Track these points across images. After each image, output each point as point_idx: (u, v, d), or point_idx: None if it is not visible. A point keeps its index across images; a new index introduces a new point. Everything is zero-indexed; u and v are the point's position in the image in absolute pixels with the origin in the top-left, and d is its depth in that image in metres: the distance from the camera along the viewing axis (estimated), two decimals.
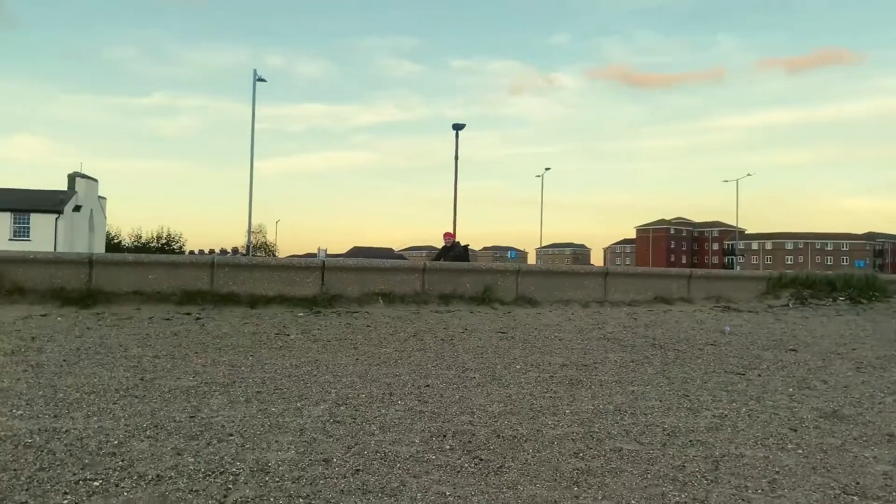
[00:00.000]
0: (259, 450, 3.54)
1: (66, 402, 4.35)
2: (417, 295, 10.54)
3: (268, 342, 7.04)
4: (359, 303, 10.04)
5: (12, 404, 4.24)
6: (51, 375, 5.11)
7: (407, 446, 3.70)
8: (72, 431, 3.71)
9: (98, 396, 4.52)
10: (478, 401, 4.84)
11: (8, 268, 9.07)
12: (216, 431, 3.82)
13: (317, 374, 5.53)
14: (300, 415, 4.27)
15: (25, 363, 5.53)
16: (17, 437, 3.57)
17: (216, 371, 5.50)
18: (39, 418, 3.96)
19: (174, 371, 5.45)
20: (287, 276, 10.22)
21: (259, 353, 6.38)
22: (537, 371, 6.04)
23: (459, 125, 29.36)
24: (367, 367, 5.94)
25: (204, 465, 3.26)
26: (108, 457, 3.33)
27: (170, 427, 3.87)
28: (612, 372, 6.12)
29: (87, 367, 5.45)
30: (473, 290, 10.97)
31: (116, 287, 9.36)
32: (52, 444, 3.49)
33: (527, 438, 3.95)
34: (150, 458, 3.34)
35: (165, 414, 4.15)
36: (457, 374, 5.79)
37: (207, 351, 6.38)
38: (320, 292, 10.11)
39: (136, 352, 6.22)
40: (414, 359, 6.42)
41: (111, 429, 3.79)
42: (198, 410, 4.26)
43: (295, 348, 6.76)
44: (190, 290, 9.58)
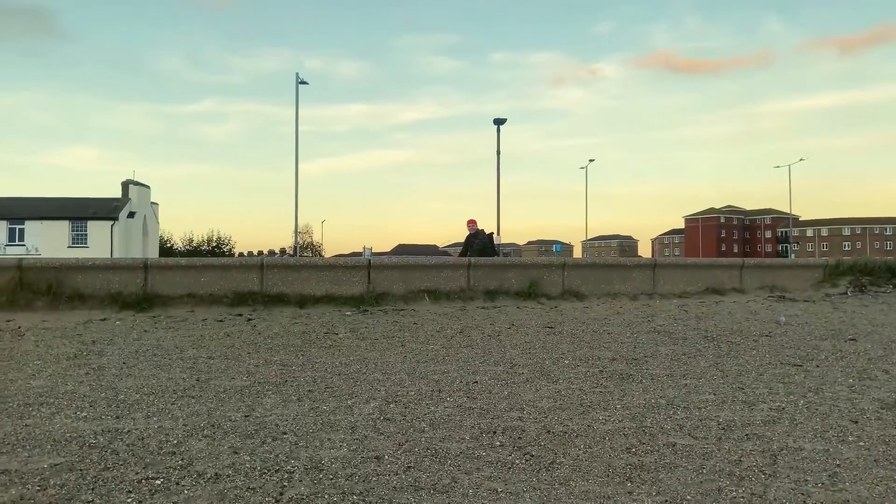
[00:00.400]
0: (312, 447, 3.60)
1: (127, 403, 4.51)
2: (463, 291, 10.56)
3: (317, 341, 7.15)
4: (405, 300, 10.11)
5: (76, 406, 4.41)
6: (112, 378, 5.30)
7: (457, 443, 3.71)
8: (133, 432, 3.84)
9: (157, 397, 4.67)
10: (527, 396, 4.82)
11: (69, 275, 9.43)
12: (270, 430, 3.90)
13: (366, 372, 5.59)
14: (351, 413, 4.32)
15: (87, 366, 5.74)
16: (81, 438, 3.71)
17: (268, 371, 5.62)
18: (102, 419, 4.11)
19: (228, 371, 5.58)
20: (334, 275, 10.36)
21: (309, 353, 6.49)
22: (586, 366, 5.99)
23: (501, 120, 29.25)
24: (414, 364, 5.98)
25: (260, 463, 3.33)
26: (168, 456, 3.43)
27: (226, 426, 3.97)
28: (663, 366, 6.02)
29: (146, 369, 5.63)
30: (519, 285, 10.93)
31: (171, 290, 9.64)
32: (115, 444, 3.62)
33: (577, 434, 3.92)
34: (208, 456, 3.43)
35: (221, 413, 4.26)
36: (505, 369, 5.78)
37: (259, 351, 6.52)
38: (367, 291, 10.22)
39: (192, 353, 6.39)
40: (461, 355, 6.44)
41: (170, 428, 3.91)
42: (252, 410, 4.36)
43: (344, 347, 6.85)
44: (241, 291, 9.80)
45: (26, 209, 45.56)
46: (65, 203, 46.85)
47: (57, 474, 3.16)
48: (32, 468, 3.23)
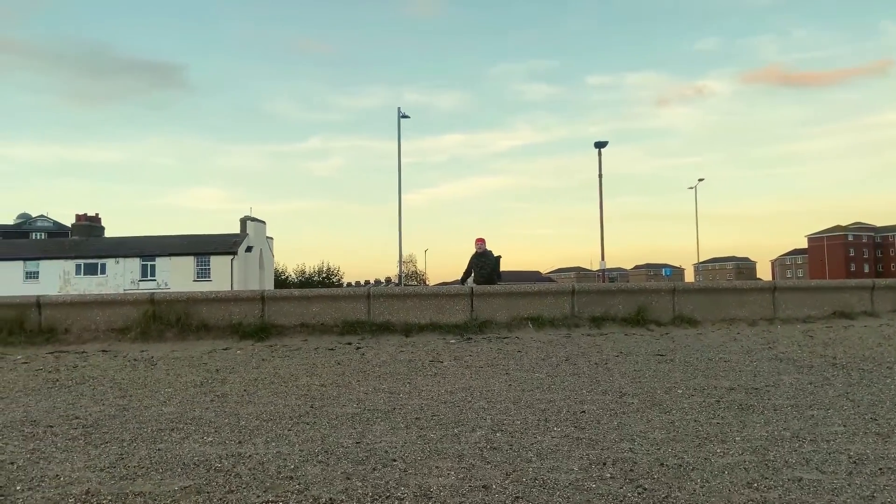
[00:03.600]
0: (421, 475, 3.65)
1: (248, 428, 4.76)
2: (567, 318, 10.40)
3: (422, 369, 7.26)
4: (508, 328, 10.09)
5: (203, 431, 4.70)
6: (234, 404, 5.61)
7: (566, 474, 3.65)
8: (254, 456, 4.05)
9: (275, 423, 4.90)
10: (637, 427, 4.67)
11: (195, 307, 10.11)
12: (380, 457, 4.00)
13: (471, 401, 5.61)
14: (458, 441, 4.35)
15: (212, 393, 6.11)
16: (208, 462, 3.95)
17: (377, 398, 5.76)
18: (226, 444, 4.36)
19: (339, 399, 5.77)
20: (438, 303, 10.51)
21: (415, 381, 6.60)
22: (702, 395, 5.73)
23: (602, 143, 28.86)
24: (520, 392, 5.94)
25: (371, 490, 3.42)
26: (286, 480, 3.59)
27: (338, 452, 4.10)
28: (787, 395, 5.66)
29: (264, 396, 5.92)
30: (626, 312, 10.64)
31: (285, 320, 10.11)
32: (237, 468, 3.83)
33: (693, 467, 3.75)
34: (323, 481, 3.56)
35: (334, 440, 4.41)
36: (613, 399, 5.63)
37: (368, 379, 6.70)
38: (470, 319, 10.28)
39: (305, 381, 6.66)
40: (567, 384, 6.33)
41: (287, 454, 4.09)
42: (363, 436, 4.48)
43: (449, 375, 6.91)
44: (349, 320, 10.13)
45: (157, 247, 49.34)
46: (190, 240, 50.37)
47: (186, 496, 3.37)
48: (164, 490, 3.47)
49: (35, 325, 9.80)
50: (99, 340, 9.52)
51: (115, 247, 50.46)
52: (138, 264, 48.63)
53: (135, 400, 5.85)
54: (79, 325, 9.82)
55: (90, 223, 57.38)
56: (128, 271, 48.24)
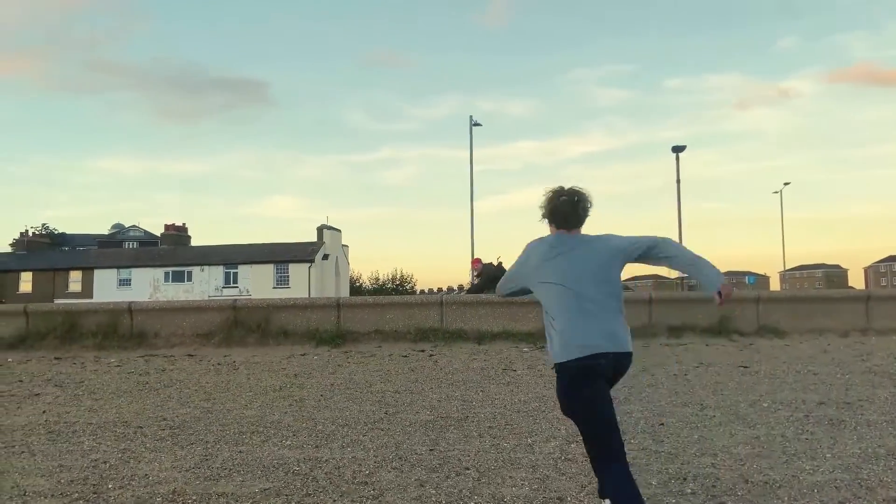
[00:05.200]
0: (494, 484, 3.63)
1: (325, 433, 4.86)
2: (644, 328, 10.12)
3: (495, 377, 7.23)
4: None
5: (282, 435, 4.83)
6: (311, 409, 5.74)
7: (644, 488, 3.54)
8: (330, 461, 4.13)
9: (350, 429, 4.98)
10: (720, 441, 4.49)
11: (275, 313, 10.43)
12: (454, 465, 4.00)
13: (545, 411, 5.54)
14: (531, 451, 4.30)
15: (290, 398, 6.28)
16: (287, 465, 4.05)
17: (450, 406, 5.77)
18: (304, 448, 4.46)
19: (413, 405, 5.82)
20: (510, 311, 10.44)
21: (488, 389, 6.57)
22: (789, 410, 5.46)
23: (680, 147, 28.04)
24: None
25: (445, 498, 3.42)
26: (361, 485, 3.64)
27: (412, 459, 4.13)
28: (882, 411, 5.32)
29: (340, 402, 6.04)
30: (707, 321, 10.27)
31: (360, 327, 10.29)
32: (315, 472, 3.92)
33: (780, 485, 3.57)
34: (397, 488, 3.59)
35: (408, 447, 4.44)
36: (694, 411, 5.44)
37: (441, 386, 6.72)
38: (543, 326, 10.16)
39: (380, 387, 6.75)
40: (645, 395, 6.16)
41: (363, 459, 4.15)
42: (436, 444, 4.50)
43: (522, 383, 6.85)
44: (422, 327, 10.20)
45: (239, 255, 51.26)
46: (270, 248, 52.12)
47: (266, 498, 3.47)
48: (246, 492, 3.58)
49: (127, 329, 10.34)
50: (185, 345, 9.95)
51: (200, 255, 52.76)
52: (222, 272, 50.65)
53: (218, 403, 6.09)
54: (167, 331, 10.30)
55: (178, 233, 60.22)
56: (212, 279, 50.32)
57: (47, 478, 3.87)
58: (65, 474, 3.93)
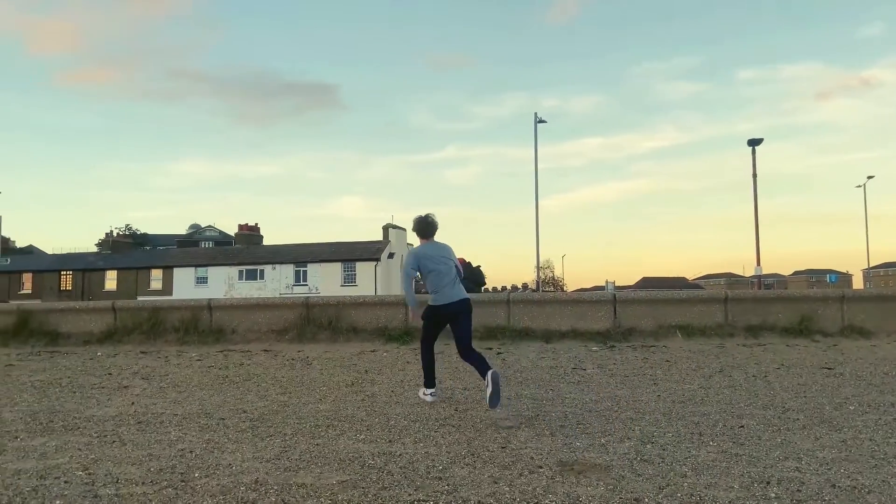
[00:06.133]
0: (568, 483, 3.59)
1: (397, 428, 4.93)
2: (720, 327, 9.83)
3: (565, 376, 7.16)
4: (654, 336, 9.70)
5: (356, 429, 4.93)
6: (383, 404, 5.84)
7: (725, 491, 3.45)
8: (404, 455, 4.19)
9: (422, 424, 5.03)
10: (804, 445, 4.32)
11: (345, 310, 10.65)
12: (526, 463, 3.99)
13: (617, 410, 5.46)
14: (605, 451, 4.24)
15: (362, 393, 6.40)
16: (361, 459, 4.13)
17: (521, 404, 5.76)
18: (377, 442, 4.54)
19: (483, 403, 5.81)
20: (579, 310, 10.32)
21: (558, 388, 6.52)
22: (877, 413, 5.19)
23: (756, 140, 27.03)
24: (670, 404, 5.69)
25: (519, 495, 3.42)
26: (435, 480, 3.68)
27: (485, 456, 4.14)
28: None
29: (411, 398, 6.11)
30: (787, 321, 9.88)
31: None
32: (389, 466, 3.98)
33: (870, 490, 3.41)
34: (471, 484, 3.61)
35: (479, 443, 4.46)
36: (775, 414, 5.24)
37: (511, 385, 6.71)
38: (613, 326, 10.01)
39: (449, 384, 6.79)
40: (722, 397, 5.98)
41: (435, 455, 4.19)
42: (507, 441, 4.49)
43: (593, 383, 6.76)
44: (489, 325, 10.20)
45: (308, 254, 52.52)
46: (337, 247, 53.17)
47: (343, 490, 3.55)
48: (324, 483, 3.68)
49: (206, 325, 10.77)
50: (261, 341, 10.29)
51: (272, 254, 54.34)
52: (292, 270, 52.00)
53: (294, 397, 6.26)
54: (244, 327, 10.67)
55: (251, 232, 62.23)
56: (283, 277, 51.74)
57: (137, 466, 4.07)
58: (154, 463, 4.13)
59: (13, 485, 3.72)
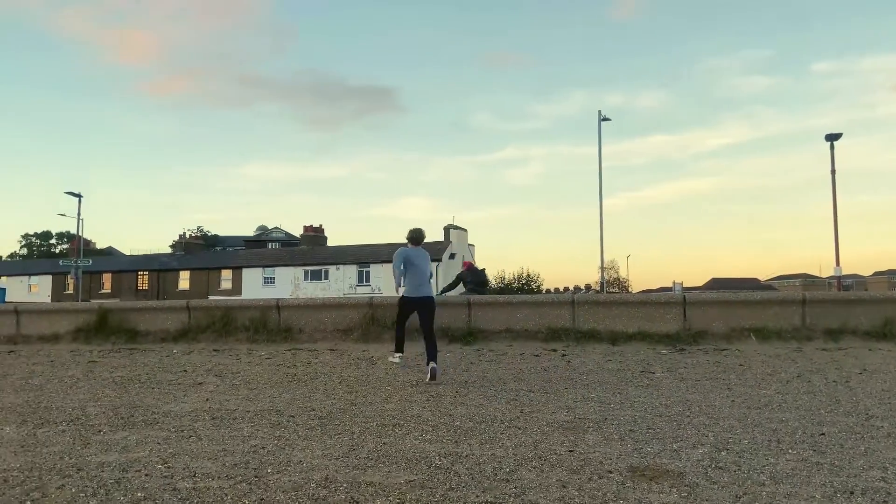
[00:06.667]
0: (640, 490, 3.51)
1: (463, 429, 4.93)
2: (797, 330, 9.44)
3: (633, 380, 7.01)
4: (726, 339, 9.40)
5: (422, 429, 4.96)
6: (447, 405, 5.85)
7: (806, 501, 3.30)
8: (470, 457, 4.18)
9: (487, 426, 5.02)
10: (890, 454, 4.10)
11: None
12: (595, 467, 3.92)
13: (689, 416, 5.31)
14: (678, 457, 4.13)
15: (427, 393, 6.43)
16: (428, 459, 4.15)
17: (587, 407, 5.67)
18: (443, 443, 4.55)
19: (548, 405, 5.77)
20: (646, 311, 10.09)
21: (626, 391, 6.39)
22: None
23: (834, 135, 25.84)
24: (745, 409, 5.50)
25: (588, 500, 3.36)
26: (502, 483, 3.66)
27: (552, 459, 4.10)
28: None
29: (475, 399, 6.11)
30: (870, 324, 9.40)
31: (491, 326, 10.35)
32: (456, 466, 3.98)
33: None
34: (539, 487, 3.57)
35: (546, 446, 4.41)
36: (858, 421, 4.99)
37: (576, 387, 6.62)
38: (683, 328, 9.74)
39: (514, 386, 6.75)
40: (801, 403, 5.73)
41: (502, 457, 4.17)
42: (575, 445, 4.43)
43: (662, 387, 6.60)
44: (553, 327, 10.10)
45: (371, 254, 53.24)
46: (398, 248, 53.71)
47: (411, 490, 3.58)
48: (392, 482, 3.71)
49: (275, 324, 11.05)
50: (327, 340, 10.48)
51: (336, 255, 55.39)
52: (355, 271, 52.85)
53: (360, 396, 6.35)
54: (310, 326, 10.89)
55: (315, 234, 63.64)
56: (346, 277, 52.64)
57: (213, 461, 4.20)
58: (228, 458, 4.25)
59: (97, 477, 3.90)
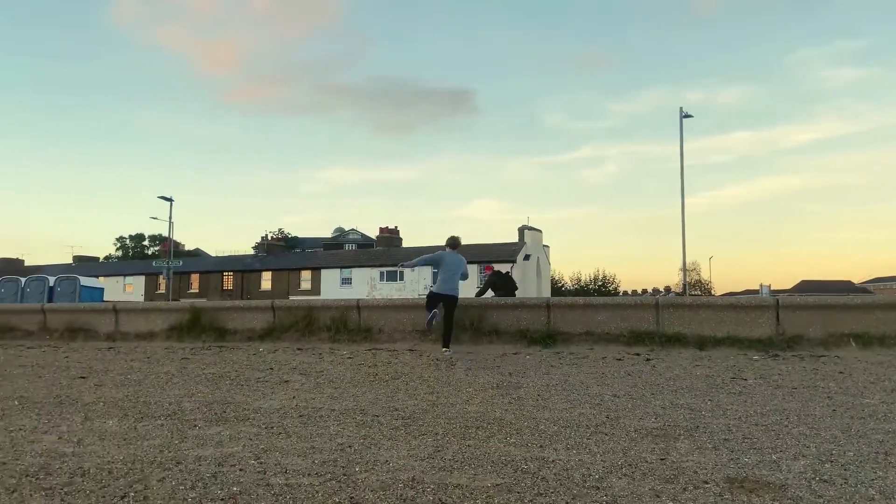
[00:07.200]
0: (739, 502, 3.36)
1: (547, 433, 4.85)
2: None
3: (724, 386, 6.73)
4: (824, 345, 8.90)
5: (505, 432, 4.91)
6: (530, 408, 5.78)
7: None
8: (557, 462, 4.11)
9: (573, 430, 4.92)
10: None
11: (486, 312, 10.70)
12: (690, 477, 3.77)
13: (787, 425, 5.04)
14: (778, 469, 3.93)
15: (509, 396, 6.38)
16: (514, 463, 4.10)
17: (676, 414, 5.48)
18: (528, 447, 4.49)
19: (635, 411, 5.61)
20: (735, 315, 9.69)
21: (717, 398, 6.14)
22: None
23: None
24: (848, 420, 5.18)
25: None
26: (592, 490, 3.57)
27: (643, 467, 3.97)
28: None
29: (558, 403, 6.01)
30: None
31: (571, 328, 10.19)
32: (543, 471, 3.92)
33: None
34: (631, 496, 3.47)
35: (636, 453, 4.28)
36: None
37: (663, 392, 6.41)
38: (775, 333, 9.29)
39: (597, 390, 6.61)
40: None
41: (590, 463, 4.07)
42: (667, 453, 4.28)
43: (756, 394, 6.30)
44: (636, 330, 9.84)
45: None
46: (473, 249, 53.72)
47: (499, 494, 3.54)
48: (479, 485, 3.69)
49: (355, 324, 11.25)
50: (406, 340, 10.58)
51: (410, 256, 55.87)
52: (430, 272, 53.19)
53: (442, 397, 6.36)
54: (389, 326, 11.03)
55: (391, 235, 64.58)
56: (421, 278, 53.09)
57: (303, 458, 4.30)
58: (317, 455, 4.34)
59: (195, 470, 4.06)
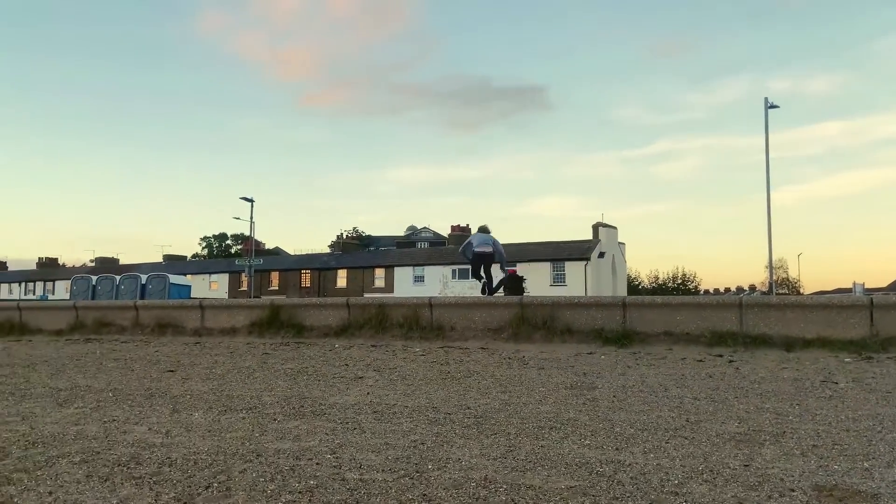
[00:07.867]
0: None
1: (624, 436, 4.73)
2: None
3: (813, 390, 6.40)
4: None
5: (580, 434, 4.83)
6: (605, 409, 5.66)
7: None
8: (634, 465, 4.00)
9: (650, 433, 4.79)
10: None
11: (560, 311, 10.56)
12: (775, 485, 3.60)
13: (882, 431, 4.74)
14: (870, 477, 3.70)
15: (583, 397, 6.27)
16: (589, 465, 4.02)
17: (761, 418, 5.24)
18: (604, 449, 4.40)
19: (717, 415, 5.40)
20: (825, 315, 9.19)
21: (805, 402, 5.84)
22: None
23: None
24: None
25: None
26: (670, 495, 3.46)
27: (725, 473, 3.81)
28: None
29: (635, 405, 5.86)
30: None
31: (648, 328, 9.91)
32: (619, 475, 3.83)
33: None
34: (712, 502, 3.34)
35: (717, 459, 4.12)
36: None
37: (748, 396, 6.15)
38: (870, 334, 8.75)
39: (676, 392, 6.40)
40: None
41: (669, 467, 3.95)
42: (751, 459, 4.10)
43: (848, 398, 5.96)
44: (718, 330, 9.47)
45: (517, 253, 53.19)
46: (546, 247, 53.22)
47: (573, 496, 3.48)
48: (553, 487, 3.63)
49: (427, 322, 11.32)
50: (478, 338, 10.57)
51: None
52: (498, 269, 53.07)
53: (514, 396, 6.32)
54: (461, 324, 11.04)
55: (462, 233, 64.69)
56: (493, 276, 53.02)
57: (377, 454, 4.36)
58: (391, 452, 4.39)
59: (274, 463, 4.18)
